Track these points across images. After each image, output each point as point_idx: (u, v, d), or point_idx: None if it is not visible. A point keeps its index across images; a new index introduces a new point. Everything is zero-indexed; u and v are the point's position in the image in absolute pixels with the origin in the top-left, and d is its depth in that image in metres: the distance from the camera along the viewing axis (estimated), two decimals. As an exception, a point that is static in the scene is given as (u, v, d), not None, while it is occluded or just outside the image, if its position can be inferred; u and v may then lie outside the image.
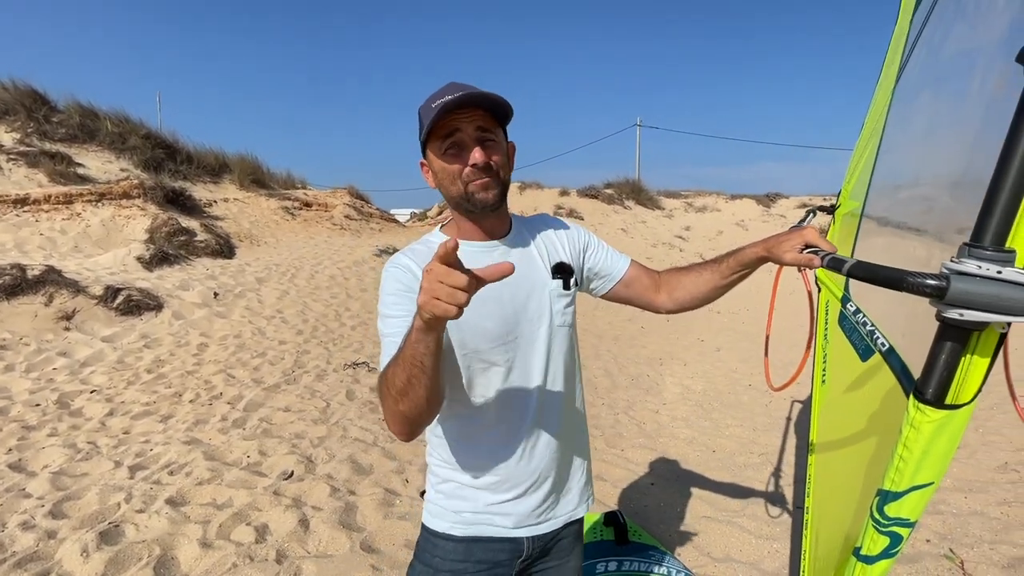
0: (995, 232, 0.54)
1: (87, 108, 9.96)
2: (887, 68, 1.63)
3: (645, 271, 1.15)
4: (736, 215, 16.25)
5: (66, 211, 7.31)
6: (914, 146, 1.19)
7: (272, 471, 2.83)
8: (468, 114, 0.90)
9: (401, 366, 0.76)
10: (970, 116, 0.85)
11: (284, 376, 4.25)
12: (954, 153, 0.89)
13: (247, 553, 2.16)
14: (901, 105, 1.35)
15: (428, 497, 1.06)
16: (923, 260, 0.95)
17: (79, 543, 2.13)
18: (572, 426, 1.07)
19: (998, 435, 3.35)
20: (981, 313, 0.53)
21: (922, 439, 0.60)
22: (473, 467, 1.00)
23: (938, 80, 1.11)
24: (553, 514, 1.05)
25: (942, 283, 0.54)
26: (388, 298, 0.93)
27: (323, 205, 11.26)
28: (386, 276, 0.96)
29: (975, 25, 0.92)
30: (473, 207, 0.94)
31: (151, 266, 6.24)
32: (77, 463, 2.81)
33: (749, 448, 3.35)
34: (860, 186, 1.59)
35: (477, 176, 0.92)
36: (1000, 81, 0.72)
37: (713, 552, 2.31)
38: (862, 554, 0.67)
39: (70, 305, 4.82)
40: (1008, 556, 2.17)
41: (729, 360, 5.42)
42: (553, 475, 1.03)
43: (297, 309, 6.01)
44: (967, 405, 0.59)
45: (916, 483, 0.61)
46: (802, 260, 0.93)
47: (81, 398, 3.63)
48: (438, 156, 0.93)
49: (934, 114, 1.10)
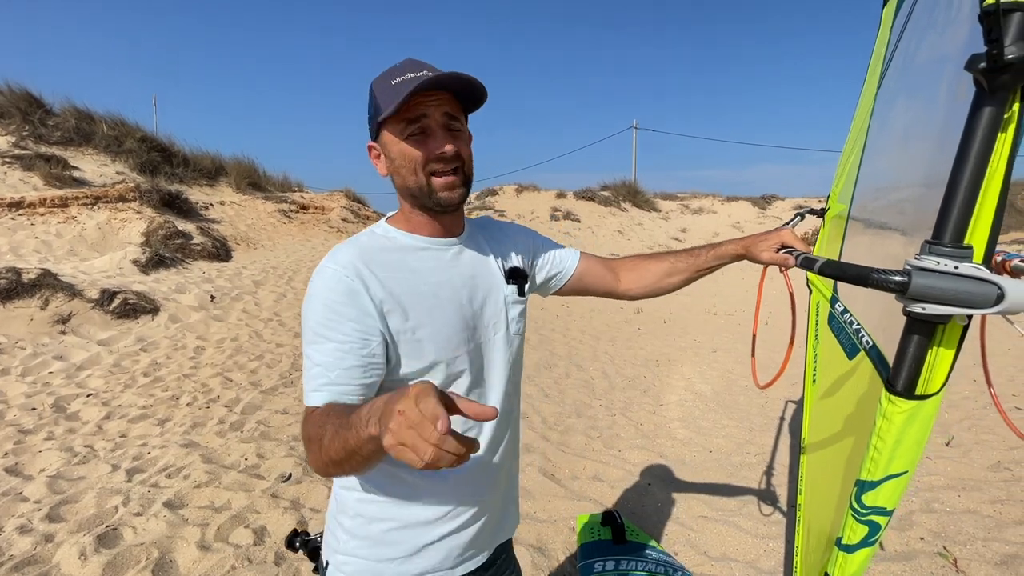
0: (954, 229, 0.57)
1: (83, 111, 9.95)
2: (871, 74, 1.67)
3: (597, 260, 1.12)
4: (732, 217, 16.34)
5: (62, 214, 7.29)
6: (893, 150, 1.23)
7: (270, 473, 2.83)
8: (436, 97, 0.80)
9: (340, 449, 0.65)
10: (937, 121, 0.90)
11: (282, 379, 4.25)
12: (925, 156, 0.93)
13: (246, 555, 2.17)
14: (882, 110, 1.40)
15: (336, 549, 0.89)
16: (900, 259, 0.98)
17: (77, 546, 2.13)
18: (516, 439, 1.01)
19: (991, 434, 3.38)
20: (942, 307, 0.56)
21: (894, 429, 0.63)
22: (417, 497, 0.86)
23: (912, 87, 1.16)
24: (490, 542, 0.97)
25: (904, 279, 0.57)
26: (321, 315, 0.78)
27: (320, 208, 11.26)
28: (319, 284, 0.80)
29: (943, 34, 0.96)
30: (434, 205, 0.84)
31: (147, 269, 6.23)
32: (74, 467, 2.81)
33: (745, 448, 3.37)
34: (847, 189, 1.63)
35: (443, 171, 0.82)
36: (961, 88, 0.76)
37: (710, 551, 2.33)
38: (843, 543, 0.69)
39: (66, 308, 4.81)
40: (1001, 553, 2.19)
41: (725, 361, 5.45)
42: (501, 493, 0.97)
43: (294, 312, 6.00)
44: (935, 395, 0.61)
45: (891, 472, 0.64)
46: (778, 259, 0.97)
47: (78, 401, 3.62)
48: (399, 140, 0.81)
49: (909, 119, 1.15)
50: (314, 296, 0.80)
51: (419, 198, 0.85)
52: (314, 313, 0.79)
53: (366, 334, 0.78)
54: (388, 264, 0.84)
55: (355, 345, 0.78)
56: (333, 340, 0.77)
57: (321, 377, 0.77)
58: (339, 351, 0.77)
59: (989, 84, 0.54)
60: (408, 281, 0.84)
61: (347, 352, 0.77)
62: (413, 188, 0.84)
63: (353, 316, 0.78)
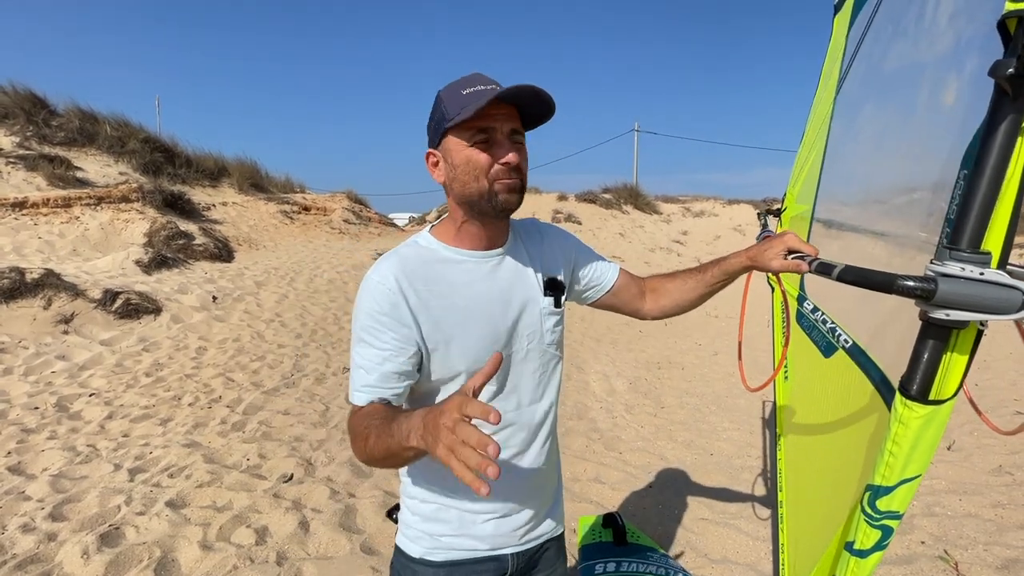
0: (971, 235, 0.57)
1: (86, 112, 9.98)
2: (825, 79, 1.69)
3: (632, 279, 1.14)
4: (734, 220, 16.34)
5: (65, 214, 7.32)
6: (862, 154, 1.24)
7: (272, 474, 2.84)
8: (505, 111, 0.85)
9: (384, 451, 0.75)
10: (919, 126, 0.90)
11: (283, 379, 4.25)
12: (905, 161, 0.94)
13: (247, 555, 2.17)
14: (844, 115, 1.41)
15: (403, 519, 1.01)
16: (883, 259, 1.00)
17: (79, 545, 2.13)
18: (553, 446, 1.05)
19: (992, 438, 3.38)
20: (965, 313, 0.56)
21: (911, 434, 0.63)
22: (455, 488, 0.95)
23: (882, 92, 1.17)
24: (535, 534, 1.03)
25: (930, 286, 0.56)
26: (365, 321, 0.86)
27: (322, 209, 11.28)
28: (364, 295, 0.87)
29: (916, 42, 0.97)
30: (494, 208, 0.87)
31: (149, 270, 6.25)
32: (77, 466, 2.82)
33: (746, 451, 3.37)
34: (807, 190, 1.64)
35: (506, 175, 0.86)
36: (951, 95, 0.77)
37: (711, 554, 2.33)
38: (855, 548, 0.69)
39: (68, 308, 4.82)
40: (1001, 558, 2.19)
41: (726, 364, 5.45)
42: (536, 495, 1.02)
43: (296, 313, 6.02)
44: (950, 400, 0.62)
45: (905, 476, 0.64)
46: (789, 267, 0.93)
47: (80, 401, 3.63)
48: (466, 146, 0.85)
49: (881, 124, 1.16)
50: (360, 304, 0.89)
51: (477, 204, 0.88)
52: (359, 320, 0.88)
53: (403, 343, 0.87)
54: (427, 277, 0.90)
55: (393, 353, 0.86)
56: (375, 347, 0.86)
57: (362, 379, 0.86)
58: (379, 357, 0.86)
59: (1015, 91, 0.54)
60: (444, 295, 0.90)
61: (386, 359, 0.86)
62: (473, 194, 0.87)
63: (392, 327, 0.86)
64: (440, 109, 0.87)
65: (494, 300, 0.93)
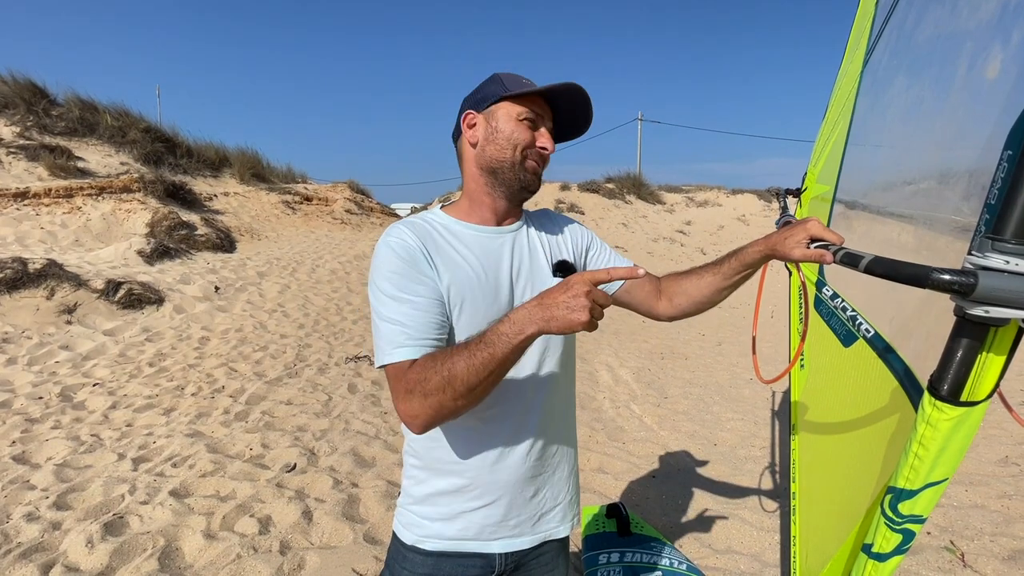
0: (1017, 224, 0.52)
1: (87, 102, 9.92)
2: (851, 51, 1.61)
3: (648, 277, 1.07)
4: (737, 210, 16.21)
5: (66, 205, 7.30)
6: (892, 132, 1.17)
7: (275, 464, 2.84)
8: (550, 113, 0.95)
9: (485, 362, 0.74)
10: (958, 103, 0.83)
11: (286, 369, 4.25)
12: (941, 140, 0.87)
13: (251, 544, 2.17)
14: (871, 90, 1.33)
15: (400, 503, 1.01)
16: (911, 246, 0.94)
17: (84, 534, 2.14)
18: (559, 436, 1.01)
19: (999, 429, 3.36)
20: (1008, 310, 0.51)
21: (939, 437, 0.58)
22: (449, 470, 0.94)
23: (914, 65, 1.08)
24: (532, 529, 0.98)
25: (970, 280, 0.51)
26: (391, 277, 0.86)
27: (324, 199, 11.24)
28: (385, 252, 0.88)
29: (955, 9, 0.90)
30: (519, 180, 0.94)
31: (152, 260, 6.24)
32: (80, 455, 2.82)
33: (750, 441, 3.36)
34: (829, 170, 1.56)
35: (537, 159, 0.94)
36: (996, 66, 0.70)
37: (715, 544, 2.32)
38: (874, 551, 0.65)
39: (71, 299, 4.83)
40: (1008, 548, 2.17)
41: (730, 354, 5.42)
42: (535, 485, 0.98)
43: (298, 303, 6.01)
44: (983, 402, 0.57)
45: (931, 480, 0.60)
46: (812, 256, 0.84)
47: (84, 391, 3.64)
48: (516, 119, 0.92)
49: (913, 100, 1.07)
50: (382, 264, 0.87)
51: (502, 172, 0.93)
52: (384, 279, 0.86)
53: (433, 296, 0.87)
54: (438, 244, 0.91)
55: (427, 304, 0.86)
56: (408, 301, 0.85)
57: (401, 334, 0.83)
58: (414, 310, 0.85)
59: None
60: (455, 261, 0.91)
61: (422, 310, 0.85)
62: (505, 161, 0.92)
63: (420, 280, 0.87)
64: (498, 82, 0.94)
65: (502, 274, 0.94)
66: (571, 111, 0.96)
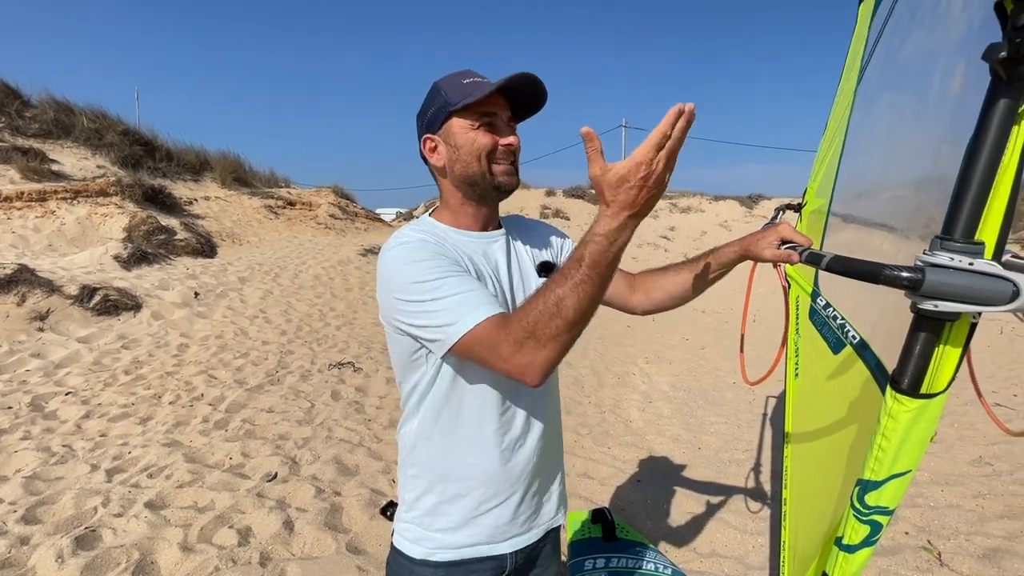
0: (965, 225, 0.56)
1: (62, 103, 9.70)
2: (847, 71, 1.68)
3: (621, 273, 1.12)
4: (720, 216, 16.46)
5: (40, 208, 7.11)
6: (878, 146, 1.23)
7: (255, 473, 2.79)
8: (502, 101, 0.91)
9: (593, 270, 0.70)
10: (931, 116, 0.89)
11: (267, 377, 4.18)
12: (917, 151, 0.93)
13: (230, 556, 2.12)
14: (863, 107, 1.40)
15: (400, 518, 0.99)
16: (891, 254, 0.98)
17: (54, 549, 2.07)
18: (553, 429, 1.05)
19: (972, 430, 3.44)
20: (955, 304, 0.55)
21: (900, 428, 0.61)
22: (460, 473, 0.94)
23: (898, 82, 1.15)
24: (537, 521, 1.02)
25: (917, 275, 0.55)
26: (425, 266, 0.83)
27: (307, 204, 11.12)
28: (401, 252, 0.86)
29: (932, 29, 0.96)
30: (495, 187, 0.92)
31: (129, 265, 6.10)
32: (51, 467, 2.73)
33: (733, 445, 3.39)
34: (825, 184, 1.63)
35: (505, 159, 0.91)
36: (960, 81, 0.75)
37: (699, 547, 2.33)
38: (844, 543, 0.67)
39: (44, 305, 4.69)
40: (983, 547, 2.22)
41: (713, 358, 5.48)
42: (539, 478, 1.01)
43: (280, 309, 5.92)
44: (941, 394, 0.60)
45: (895, 471, 0.62)
46: (781, 256, 0.94)
47: (56, 400, 3.53)
48: (471, 128, 0.89)
49: (896, 115, 1.14)
50: (408, 262, 0.84)
51: (478, 185, 0.92)
52: (418, 271, 0.82)
53: (464, 270, 0.86)
54: (446, 250, 0.91)
55: (466, 273, 0.86)
56: (456, 275, 0.83)
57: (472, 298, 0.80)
58: (462, 278, 0.83)
59: (1008, 74, 0.52)
60: (464, 266, 0.91)
61: (468, 276, 0.84)
62: (475, 174, 0.91)
63: (451, 264, 0.86)
64: (440, 96, 0.91)
65: (502, 276, 0.96)
66: (522, 92, 0.91)
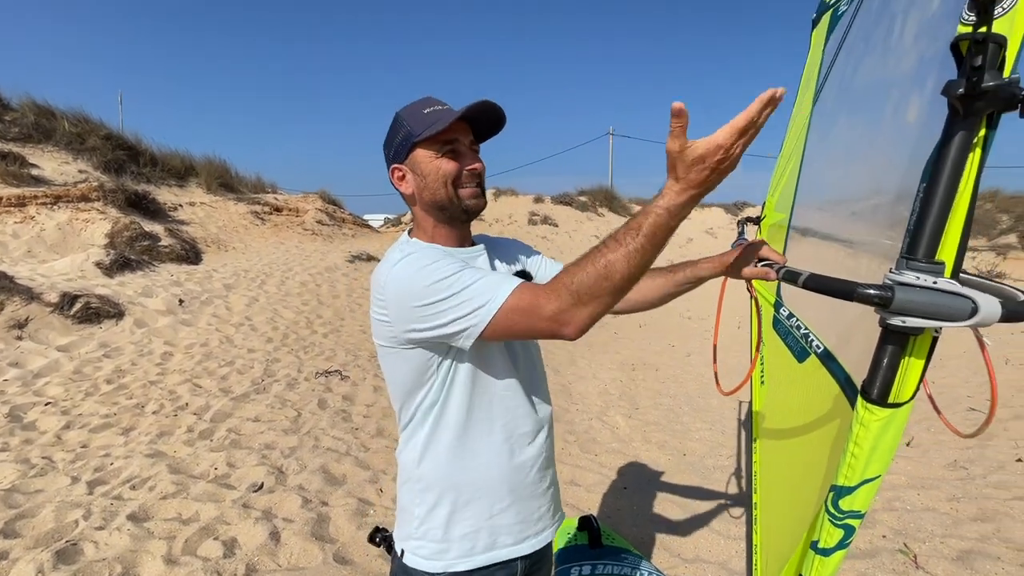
0: (927, 245, 0.60)
1: (42, 106, 9.53)
2: (802, 91, 1.76)
3: None
4: (706, 223, 16.69)
5: (19, 214, 6.98)
6: (835, 165, 1.30)
7: (241, 483, 2.76)
8: (464, 127, 0.95)
9: (643, 252, 0.74)
10: (885, 140, 0.95)
11: (253, 385, 4.14)
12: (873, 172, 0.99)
13: (215, 568, 2.10)
14: (819, 127, 1.47)
15: (410, 536, 0.98)
16: (851, 267, 1.04)
17: (34, 563, 2.03)
18: (551, 428, 1.09)
19: (947, 435, 3.54)
20: (920, 320, 0.59)
21: (871, 436, 0.65)
22: (469, 480, 0.95)
23: (853, 106, 1.22)
24: (547, 521, 1.04)
25: (887, 294, 0.59)
26: (438, 265, 0.85)
27: (294, 210, 11.05)
28: (414, 257, 0.88)
29: (885, 60, 1.02)
30: (461, 213, 0.96)
31: (111, 272, 6.01)
32: (31, 479, 2.68)
33: (718, 451, 3.44)
34: (785, 199, 1.70)
35: (471, 182, 0.95)
36: (914, 112, 0.81)
37: (684, 553, 2.37)
38: (820, 547, 0.71)
39: (22, 313, 4.60)
40: (957, 549, 2.29)
41: (699, 365, 5.55)
42: (545, 475, 1.04)
43: (267, 316, 5.87)
44: (908, 403, 0.64)
45: (866, 476, 0.66)
46: (759, 274, 0.99)
47: (35, 411, 3.46)
48: (435, 156, 0.93)
49: (851, 137, 1.21)
50: (419, 272, 0.85)
51: (447, 210, 0.96)
52: (433, 271, 0.84)
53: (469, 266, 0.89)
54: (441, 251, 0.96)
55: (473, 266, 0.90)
56: (465, 269, 0.85)
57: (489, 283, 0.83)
58: (474, 269, 0.87)
59: (965, 109, 0.57)
60: None
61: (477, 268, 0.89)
62: (443, 200, 0.95)
63: (457, 259, 0.89)
64: (404, 128, 0.95)
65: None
66: (481, 118, 0.96)
